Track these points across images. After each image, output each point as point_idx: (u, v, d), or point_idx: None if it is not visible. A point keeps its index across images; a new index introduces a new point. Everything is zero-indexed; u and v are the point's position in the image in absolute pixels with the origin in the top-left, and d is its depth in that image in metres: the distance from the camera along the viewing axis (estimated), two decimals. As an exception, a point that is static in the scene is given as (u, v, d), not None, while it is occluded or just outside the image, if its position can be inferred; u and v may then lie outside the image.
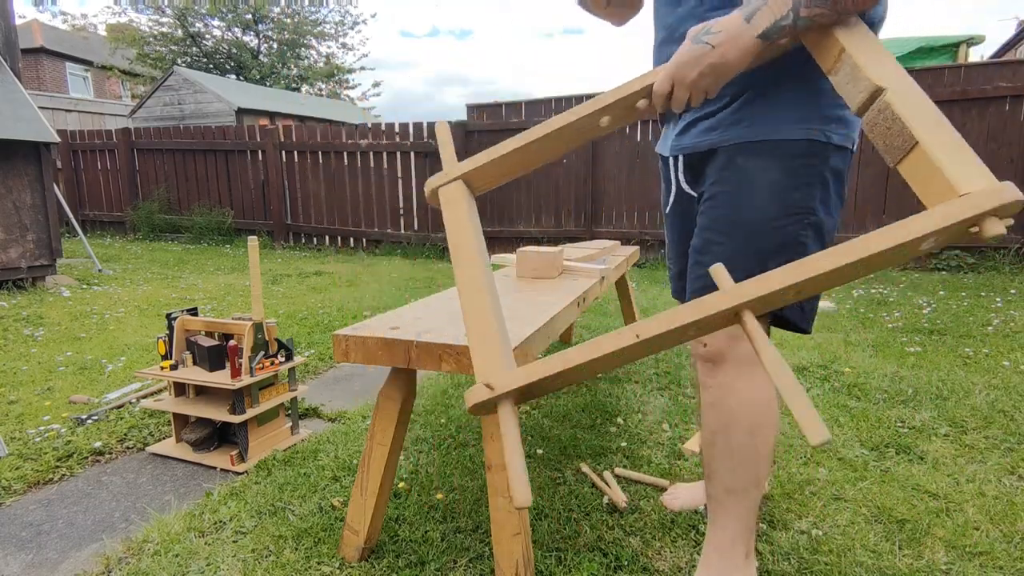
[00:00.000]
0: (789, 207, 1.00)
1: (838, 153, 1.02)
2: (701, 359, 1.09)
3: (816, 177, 1.01)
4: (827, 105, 1.00)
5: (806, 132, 0.99)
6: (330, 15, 20.85)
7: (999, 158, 5.03)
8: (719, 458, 1.09)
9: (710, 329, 0.80)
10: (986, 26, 49.61)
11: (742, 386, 1.05)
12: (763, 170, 1.00)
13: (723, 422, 1.06)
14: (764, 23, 0.86)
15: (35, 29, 19.20)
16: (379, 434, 1.28)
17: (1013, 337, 3.03)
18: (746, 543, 1.12)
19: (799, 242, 1.01)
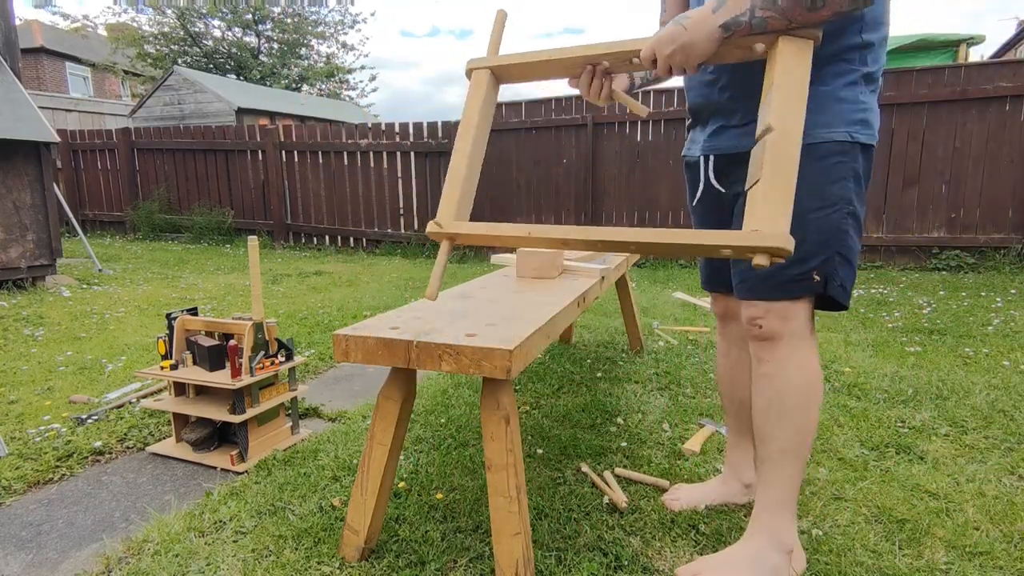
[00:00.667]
0: (827, 199, 1.11)
1: (864, 151, 1.13)
2: (756, 339, 1.20)
3: (849, 172, 1.11)
4: (850, 110, 1.10)
5: (832, 135, 1.10)
6: (330, 15, 20.85)
7: (999, 158, 5.03)
8: (774, 421, 1.19)
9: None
10: (986, 26, 49.59)
11: (797, 360, 1.17)
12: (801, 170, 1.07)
13: (778, 389, 1.17)
14: (726, 15, 0.99)
15: (35, 29, 19.20)
16: (379, 434, 1.28)
17: (1013, 337, 3.03)
18: (792, 504, 1.21)
19: (841, 229, 1.12)
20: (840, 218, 1.12)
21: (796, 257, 1.11)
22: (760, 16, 0.98)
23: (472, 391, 2.40)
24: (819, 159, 1.10)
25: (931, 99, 5.09)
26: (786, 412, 1.17)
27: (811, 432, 1.19)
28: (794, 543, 1.23)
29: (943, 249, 5.22)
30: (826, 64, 1.09)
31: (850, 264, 1.15)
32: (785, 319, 1.15)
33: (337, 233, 7.37)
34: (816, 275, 1.12)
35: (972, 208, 5.14)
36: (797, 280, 1.13)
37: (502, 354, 1.07)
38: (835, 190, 1.11)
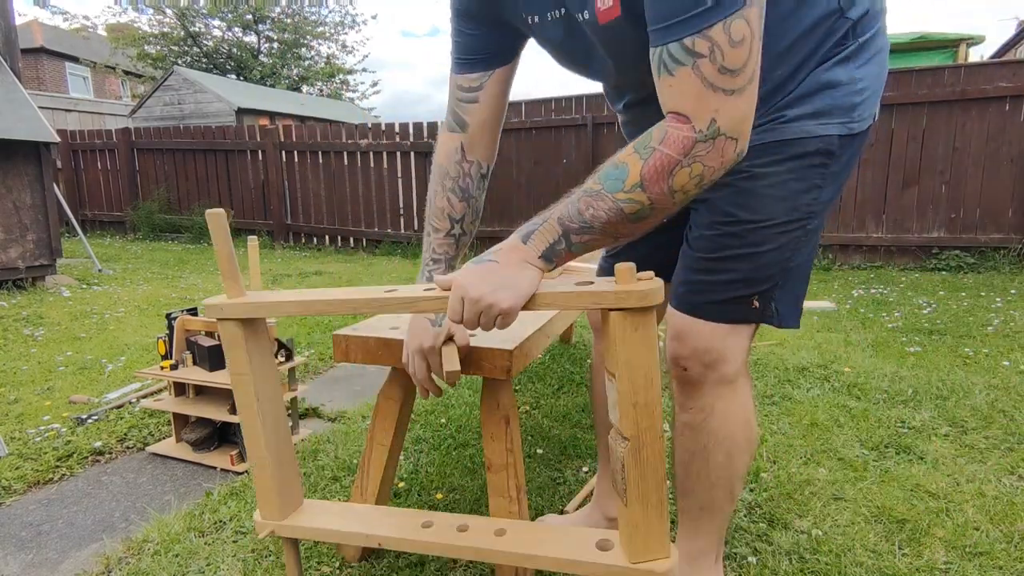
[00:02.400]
0: (796, 210, 0.94)
1: (857, 140, 0.96)
2: (679, 382, 1.04)
3: (829, 179, 0.95)
4: (845, 94, 0.91)
5: (823, 128, 0.92)
6: (330, 16, 20.87)
7: (999, 158, 5.03)
8: (695, 478, 1.06)
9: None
10: (986, 26, 49.62)
11: (721, 408, 1.02)
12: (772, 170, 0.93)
13: (702, 443, 1.03)
14: (541, 246, 0.86)
15: (35, 29, 19.21)
16: (379, 434, 1.28)
17: (1013, 337, 3.03)
18: (716, 550, 1.13)
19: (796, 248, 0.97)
20: (802, 235, 0.95)
21: (744, 276, 0.95)
22: (578, 241, 0.84)
23: (472, 391, 2.40)
24: (794, 159, 0.92)
25: (931, 99, 5.09)
26: (709, 468, 1.03)
27: (737, 484, 1.06)
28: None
29: (943, 249, 5.22)
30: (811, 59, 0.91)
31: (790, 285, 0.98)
32: (715, 363, 0.98)
33: (337, 233, 7.37)
34: (756, 301, 0.97)
35: (972, 208, 5.14)
36: (735, 302, 0.97)
37: (502, 354, 1.07)
38: (806, 201, 0.94)
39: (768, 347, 2.92)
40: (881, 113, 5.25)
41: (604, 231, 0.83)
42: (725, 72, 0.73)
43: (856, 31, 0.91)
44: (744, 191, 0.93)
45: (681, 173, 0.78)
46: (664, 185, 0.79)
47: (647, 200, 0.80)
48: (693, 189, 0.80)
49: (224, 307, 1.01)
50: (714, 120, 0.75)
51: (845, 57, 0.91)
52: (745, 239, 0.94)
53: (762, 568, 1.28)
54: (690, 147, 0.76)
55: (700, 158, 0.77)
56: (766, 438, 1.90)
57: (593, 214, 0.82)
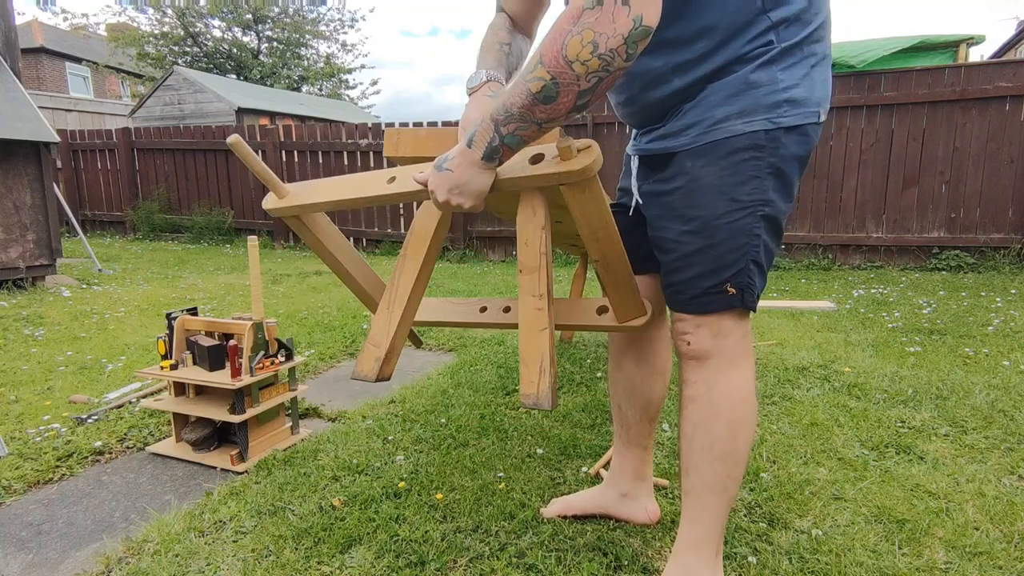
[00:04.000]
0: (736, 202, 1.01)
1: (793, 134, 1.00)
2: (685, 356, 1.11)
3: (764, 169, 1.00)
4: (767, 93, 0.98)
5: (749, 126, 0.99)
6: (328, 14, 20.87)
7: (999, 158, 5.03)
8: (698, 451, 1.10)
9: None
10: (986, 26, 49.57)
11: (725, 382, 1.08)
12: (708, 170, 1.02)
13: (704, 416, 1.09)
14: (481, 146, 0.94)
15: (35, 29, 19.21)
16: (412, 250, 1.24)
17: (1013, 337, 3.03)
18: (717, 542, 1.14)
19: (754, 234, 1.03)
20: (752, 222, 1.02)
21: (708, 268, 1.04)
22: (507, 133, 0.91)
23: (472, 391, 2.40)
24: (725, 157, 1.00)
25: (931, 99, 5.09)
26: (712, 440, 1.08)
27: (739, 464, 1.10)
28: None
29: (943, 249, 5.22)
30: (729, 50, 0.98)
31: (763, 271, 1.06)
32: (716, 336, 1.07)
33: (337, 233, 7.36)
34: (730, 288, 1.04)
35: (972, 208, 5.14)
36: (711, 293, 1.05)
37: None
38: (746, 191, 1.00)
39: (768, 347, 2.92)
40: (881, 113, 5.29)
41: (523, 117, 0.89)
42: None
43: (779, 35, 0.98)
44: (690, 191, 1.04)
45: (572, 42, 0.81)
46: (559, 55, 0.82)
47: (547, 75, 0.84)
48: (591, 59, 0.82)
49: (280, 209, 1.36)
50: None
51: (768, 60, 0.98)
52: (698, 234, 1.04)
53: (762, 568, 1.28)
54: (579, 15, 0.81)
55: (589, 25, 0.80)
56: (766, 438, 1.90)
57: (512, 101, 0.88)
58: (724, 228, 1.02)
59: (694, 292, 1.06)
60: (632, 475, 1.44)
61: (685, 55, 1.00)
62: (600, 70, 0.83)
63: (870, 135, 5.31)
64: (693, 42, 0.98)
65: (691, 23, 0.97)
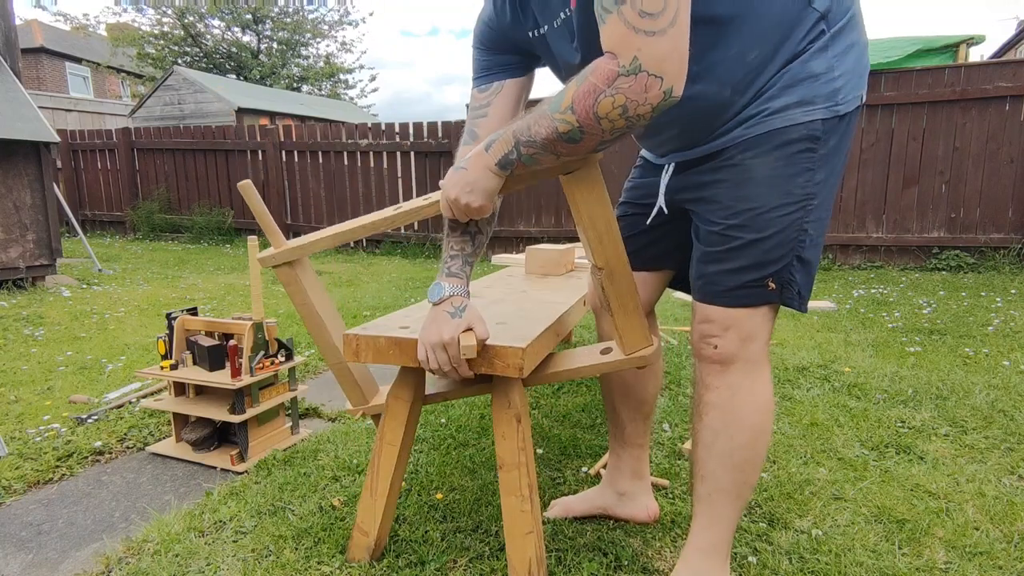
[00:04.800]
0: (790, 194, 1.00)
1: (844, 122, 1.00)
2: (709, 360, 1.08)
3: (817, 161, 0.99)
4: (825, 81, 0.97)
5: (808, 115, 0.97)
6: (328, 15, 20.87)
7: (999, 158, 5.03)
8: (718, 458, 1.08)
9: None
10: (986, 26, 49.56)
11: (748, 388, 1.06)
12: (761, 161, 1.00)
13: (726, 422, 1.07)
14: (497, 154, 1.00)
15: (35, 29, 19.20)
16: (388, 434, 1.27)
17: (1013, 337, 3.03)
18: (727, 547, 1.13)
19: (802, 229, 1.01)
20: (802, 216, 1.00)
21: (752, 261, 1.01)
22: (526, 153, 0.98)
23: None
24: (780, 147, 0.98)
25: (931, 99, 5.09)
26: (732, 448, 1.07)
27: (756, 471, 1.10)
28: None
29: (943, 249, 5.22)
30: (785, 50, 0.97)
31: (808, 268, 1.04)
32: (744, 340, 1.05)
33: (337, 233, 7.36)
34: (771, 282, 1.02)
35: (972, 208, 5.14)
36: (750, 286, 1.03)
37: (515, 352, 1.07)
38: (798, 184, 0.99)
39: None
40: (881, 113, 5.28)
41: (544, 147, 0.96)
42: (645, 16, 0.83)
43: (828, 22, 0.97)
44: (740, 183, 1.01)
45: (605, 101, 0.87)
46: (590, 110, 0.89)
47: (576, 122, 0.91)
48: (619, 119, 0.89)
49: (276, 255, 1.36)
50: (636, 57, 0.84)
51: (821, 48, 0.97)
52: (748, 227, 1.01)
53: (762, 568, 1.28)
54: (613, 78, 0.86)
55: (623, 90, 0.86)
56: (766, 438, 1.90)
57: (536, 130, 0.95)
58: (776, 222, 1.00)
59: (733, 284, 1.03)
60: (630, 474, 1.45)
61: (740, 71, 0.96)
62: (624, 128, 0.91)
63: (870, 135, 5.31)
64: (746, 54, 0.96)
65: (735, 31, 0.94)
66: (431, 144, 6.72)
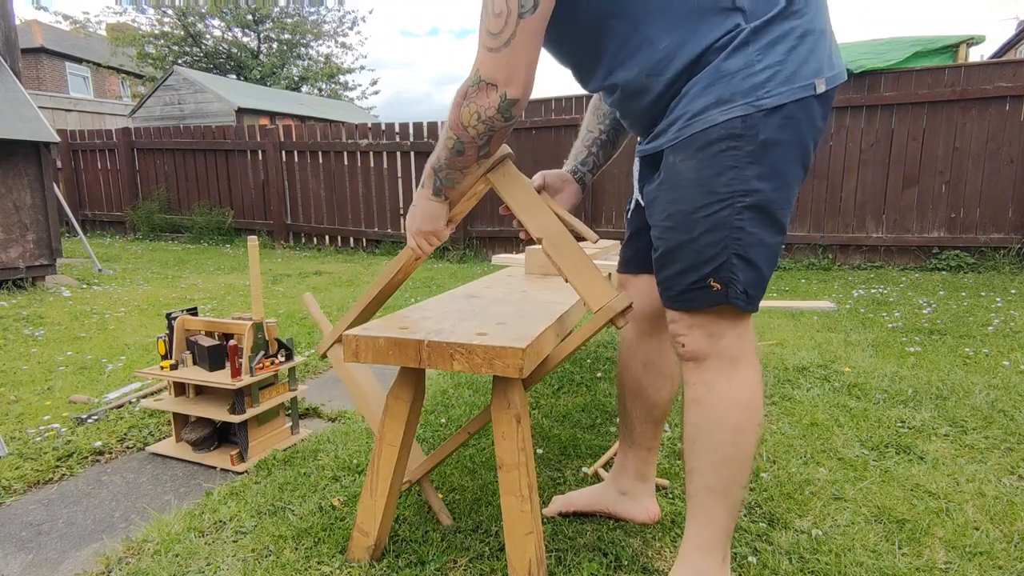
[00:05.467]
0: (714, 193, 0.99)
1: (776, 115, 0.96)
2: (683, 358, 1.11)
3: (743, 158, 0.97)
4: (743, 77, 0.95)
5: (726, 114, 0.96)
6: (329, 15, 20.88)
7: (999, 158, 5.03)
8: (701, 455, 1.09)
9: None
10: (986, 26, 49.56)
11: (725, 384, 1.07)
12: (687, 164, 1.01)
13: (705, 419, 1.08)
14: (429, 185, 1.22)
15: (35, 29, 19.20)
16: (388, 435, 1.27)
17: (1013, 337, 3.03)
18: (724, 546, 1.13)
19: (735, 227, 0.99)
20: (733, 214, 0.99)
21: (688, 263, 1.03)
22: (442, 176, 1.18)
23: (472, 391, 2.40)
24: (702, 149, 0.98)
25: (931, 99, 5.09)
26: (714, 444, 1.07)
27: (743, 469, 1.09)
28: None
29: (943, 249, 5.22)
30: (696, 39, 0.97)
31: (752, 265, 1.01)
32: (710, 337, 1.06)
33: (337, 233, 7.37)
34: (714, 283, 1.02)
35: (972, 208, 5.15)
36: (694, 288, 1.04)
37: (515, 352, 1.06)
38: (722, 183, 0.98)
39: (768, 347, 2.92)
40: (881, 113, 5.29)
41: (448, 165, 1.15)
42: (490, 35, 1.00)
43: (747, 16, 0.96)
44: (671, 186, 1.05)
45: (464, 112, 1.06)
46: (457, 122, 1.07)
47: (454, 135, 1.10)
48: (478, 124, 1.06)
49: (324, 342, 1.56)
50: (478, 70, 1.03)
51: (739, 44, 0.96)
52: (677, 229, 1.05)
53: (762, 568, 1.28)
54: (465, 91, 1.05)
55: (472, 98, 1.04)
56: (766, 438, 1.90)
57: (439, 154, 1.15)
58: (701, 221, 1.01)
59: (679, 288, 1.06)
60: (633, 475, 1.45)
61: (653, 56, 1.00)
62: (487, 131, 1.07)
63: (870, 135, 5.31)
64: (656, 41, 0.99)
65: (646, 24, 0.99)
66: (431, 144, 6.71)
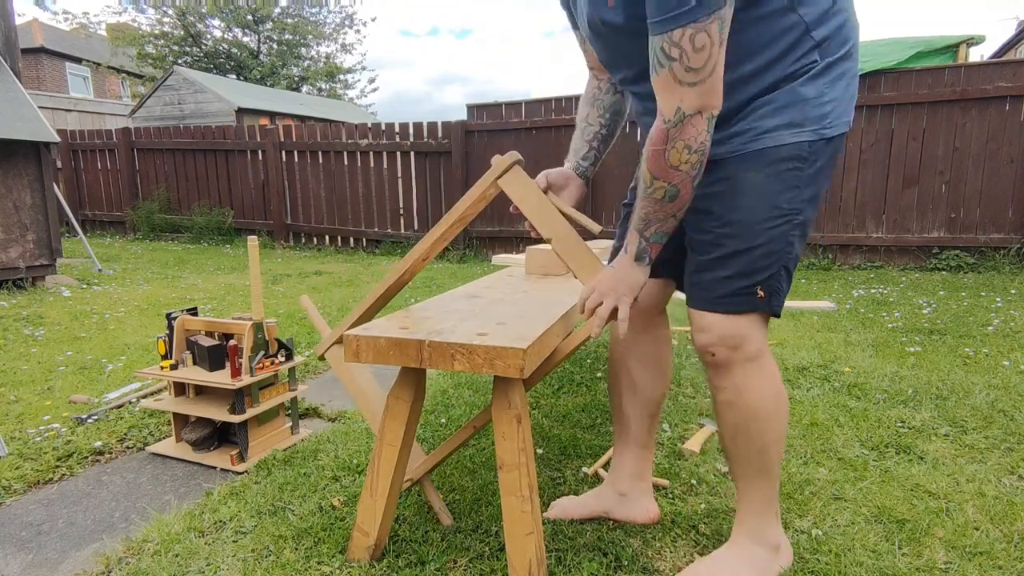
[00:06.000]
0: (777, 209, 1.08)
1: (830, 145, 1.09)
2: (711, 366, 1.18)
3: (805, 180, 1.08)
4: (815, 106, 1.06)
5: (795, 136, 1.06)
6: (330, 17, 20.89)
7: (999, 158, 5.03)
8: (744, 447, 1.20)
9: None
10: (986, 26, 49.57)
11: (754, 384, 1.16)
12: (753, 176, 1.08)
13: (743, 416, 1.17)
14: (632, 250, 1.14)
15: (35, 29, 19.20)
16: (389, 434, 1.27)
17: (1013, 337, 3.03)
18: (774, 505, 1.24)
19: (788, 241, 1.10)
20: (789, 230, 1.09)
21: (742, 269, 1.10)
22: (651, 234, 1.10)
23: (472, 391, 2.40)
24: (772, 164, 1.07)
25: (931, 99, 5.10)
26: (752, 437, 1.18)
27: (780, 443, 1.20)
28: (779, 539, 1.25)
29: (943, 249, 5.22)
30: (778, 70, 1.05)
31: (791, 277, 1.15)
32: (739, 343, 1.13)
33: (337, 233, 7.37)
34: (760, 291, 1.10)
35: (972, 208, 5.15)
36: (741, 293, 1.11)
37: (515, 353, 1.06)
38: (786, 199, 1.08)
39: (768, 347, 2.92)
40: (881, 113, 5.29)
41: (659, 218, 1.08)
42: (690, 71, 0.95)
43: (822, 51, 1.06)
44: (733, 195, 1.10)
45: (671, 154, 1.01)
46: (666, 167, 1.02)
47: (666, 183, 1.04)
48: (691, 156, 1.01)
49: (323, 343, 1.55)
50: (679, 108, 0.98)
51: (814, 75, 1.06)
52: (738, 237, 1.10)
53: (762, 568, 1.28)
54: (665, 135, 1.00)
55: (677, 137, 0.99)
56: (766, 438, 1.90)
57: (646, 212, 1.09)
58: (763, 233, 1.08)
59: (725, 291, 1.12)
60: (631, 475, 1.45)
61: (730, 76, 1.03)
62: (700, 158, 1.02)
63: (870, 135, 5.31)
64: (737, 66, 1.04)
65: (734, 49, 1.02)
66: (431, 144, 6.72)
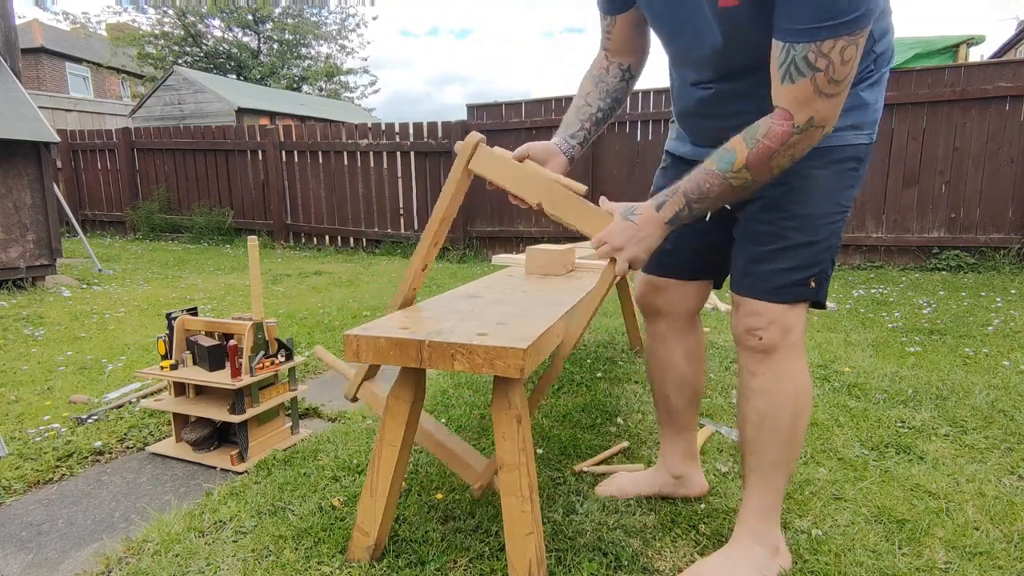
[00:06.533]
0: (839, 205, 1.15)
1: (871, 149, 1.17)
2: (753, 350, 1.20)
3: (857, 180, 1.16)
4: (872, 111, 1.13)
5: (857, 138, 1.12)
6: (331, 17, 20.90)
7: (999, 158, 5.03)
8: (767, 437, 1.21)
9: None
10: (986, 26, 49.59)
11: (790, 372, 1.19)
12: (821, 173, 1.12)
13: (773, 404, 1.19)
14: (669, 213, 1.13)
15: (35, 29, 19.20)
16: (389, 434, 1.27)
17: (1013, 337, 3.03)
18: (777, 510, 1.26)
19: (839, 236, 1.17)
20: (841, 226, 1.16)
21: (802, 262, 1.14)
22: (698, 208, 1.11)
23: (472, 391, 2.40)
24: (836, 163, 1.12)
25: (931, 99, 5.10)
26: (779, 427, 1.20)
27: (800, 442, 1.23)
28: (779, 542, 1.27)
29: (943, 249, 5.22)
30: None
31: (834, 270, 1.21)
32: (785, 330, 1.17)
33: (337, 233, 7.37)
34: (813, 282, 1.15)
35: (972, 208, 5.15)
36: (798, 284, 1.15)
37: (515, 353, 1.06)
38: (845, 197, 1.14)
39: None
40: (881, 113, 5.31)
41: (717, 199, 1.09)
42: (833, 83, 0.95)
43: (879, 62, 1.12)
44: (799, 189, 1.13)
45: (778, 157, 1.02)
46: (766, 166, 1.04)
47: (751, 177, 1.05)
48: (787, 163, 1.04)
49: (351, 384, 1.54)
50: (812, 118, 0.98)
51: (873, 82, 1.12)
52: (803, 230, 1.14)
53: (762, 568, 1.28)
54: (788, 139, 1.00)
55: (794, 144, 1.01)
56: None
57: (709, 188, 1.08)
58: (825, 228, 1.14)
59: (783, 282, 1.15)
60: (684, 456, 1.53)
61: None
62: (790, 166, 1.05)
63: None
64: None
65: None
66: (431, 144, 6.72)
